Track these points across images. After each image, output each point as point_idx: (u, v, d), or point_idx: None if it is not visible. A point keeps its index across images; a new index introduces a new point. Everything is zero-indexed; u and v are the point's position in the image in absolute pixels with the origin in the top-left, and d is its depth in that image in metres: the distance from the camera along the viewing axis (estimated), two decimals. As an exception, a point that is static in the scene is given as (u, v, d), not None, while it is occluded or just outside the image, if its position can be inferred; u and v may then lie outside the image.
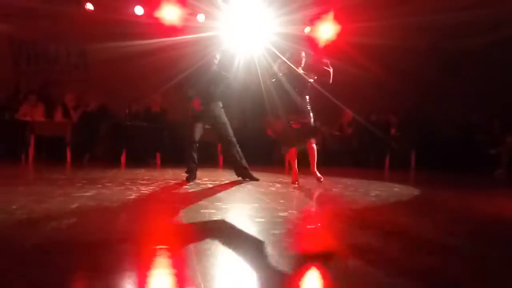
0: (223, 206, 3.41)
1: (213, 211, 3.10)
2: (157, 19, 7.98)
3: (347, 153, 9.17)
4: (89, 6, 8.18)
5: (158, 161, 8.03)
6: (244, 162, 5.24)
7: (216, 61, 5.21)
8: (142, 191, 3.99)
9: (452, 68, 9.24)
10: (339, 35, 8.45)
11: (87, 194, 3.65)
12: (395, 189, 5.04)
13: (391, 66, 8.79)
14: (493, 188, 6.35)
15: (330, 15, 7.96)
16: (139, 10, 8.30)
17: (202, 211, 3.12)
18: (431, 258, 2.06)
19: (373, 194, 4.35)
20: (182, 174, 5.22)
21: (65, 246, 2.04)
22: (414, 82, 9.21)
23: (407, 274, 1.79)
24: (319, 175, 5.04)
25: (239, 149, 5.23)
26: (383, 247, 2.22)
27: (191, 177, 5.02)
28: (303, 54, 5.07)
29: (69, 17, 8.40)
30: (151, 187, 4.32)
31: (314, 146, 5.10)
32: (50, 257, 1.84)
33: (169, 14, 8.05)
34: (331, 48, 8.81)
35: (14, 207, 2.94)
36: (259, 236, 2.40)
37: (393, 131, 9.29)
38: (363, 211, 3.35)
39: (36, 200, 3.22)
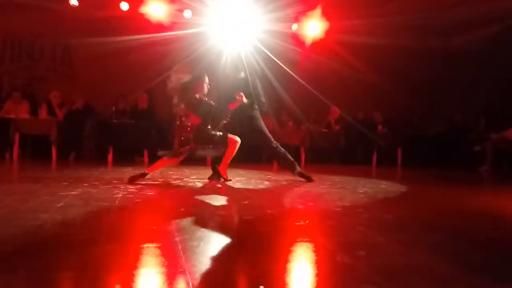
0: (212, 204, 3.39)
1: (202, 209, 3.08)
2: (143, 14, 7.93)
3: (335, 150, 9.22)
4: (74, 1, 8.08)
5: (146, 159, 7.97)
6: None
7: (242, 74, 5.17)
8: (129, 190, 3.95)
9: (439, 66, 9.34)
10: (327, 32, 8.48)
11: (73, 193, 3.60)
12: (382, 185, 5.08)
13: (378, 64, 8.86)
14: (477, 184, 6.45)
15: (318, 12, 7.98)
16: (124, 5, 8.23)
17: (190, 209, 3.10)
18: (419, 253, 2.07)
19: (360, 191, 4.38)
20: (170, 172, 5.17)
21: (51, 246, 2.00)
22: (401, 80, 9.29)
23: (396, 270, 1.80)
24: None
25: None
26: (371, 243, 2.23)
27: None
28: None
29: (53, 13, 8.28)
30: (138, 186, 4.28)
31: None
32: (35, 257, 1.81)
33: (155, 10, 7.99)
34: (319, 45, 8.86)
35: (-2, 206, 2.89)
36: (248, 234, 2.39)
37: (380, 128, 9.37)
38: (351, 207, 3.37)
39: (21, 199, 3.17)
